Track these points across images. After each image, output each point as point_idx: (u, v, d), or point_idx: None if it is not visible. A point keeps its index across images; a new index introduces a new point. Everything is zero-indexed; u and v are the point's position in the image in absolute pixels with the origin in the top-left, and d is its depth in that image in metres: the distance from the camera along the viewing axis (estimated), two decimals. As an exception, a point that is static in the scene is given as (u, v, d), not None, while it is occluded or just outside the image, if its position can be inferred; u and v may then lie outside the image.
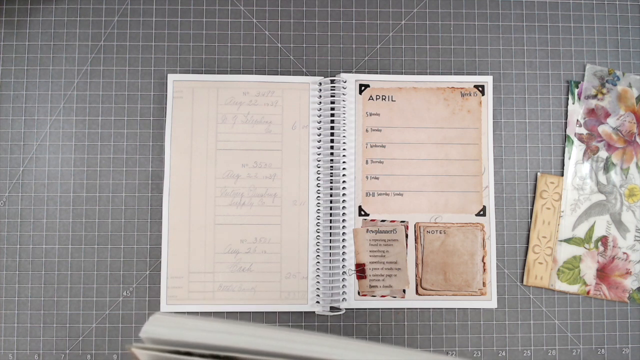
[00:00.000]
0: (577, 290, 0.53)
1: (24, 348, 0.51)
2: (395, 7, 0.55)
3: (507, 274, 0.53)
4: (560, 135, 0.54)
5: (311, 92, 0.54)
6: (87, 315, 0.52)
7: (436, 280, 0.52)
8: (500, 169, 0.54)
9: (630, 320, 0.53)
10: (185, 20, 0.55)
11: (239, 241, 0.52)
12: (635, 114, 0.54)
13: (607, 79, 0.55)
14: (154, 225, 0.52)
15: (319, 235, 0.52)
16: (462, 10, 0.55)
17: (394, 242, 0.53)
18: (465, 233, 0.53)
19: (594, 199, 0.54)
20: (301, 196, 0.53)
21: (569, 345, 0.52)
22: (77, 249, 0.52)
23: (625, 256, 0.53)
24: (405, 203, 0.53)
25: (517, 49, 0.55)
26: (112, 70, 0.54)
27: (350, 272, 0.52)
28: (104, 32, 0.54)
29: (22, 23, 0.54)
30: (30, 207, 0.52)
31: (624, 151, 0.54)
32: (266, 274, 0.52)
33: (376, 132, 0.54)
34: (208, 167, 0.53)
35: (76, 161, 0.53)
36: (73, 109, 0.53)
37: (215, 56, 0.54)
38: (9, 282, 0.52)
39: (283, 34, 0.55)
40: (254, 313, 0.52)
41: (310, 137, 0.53)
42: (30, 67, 0.54)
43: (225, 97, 0.53)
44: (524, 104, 0.55)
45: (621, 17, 0.56)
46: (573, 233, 0.53)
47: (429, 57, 0.55)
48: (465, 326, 0.52)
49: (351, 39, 0.55)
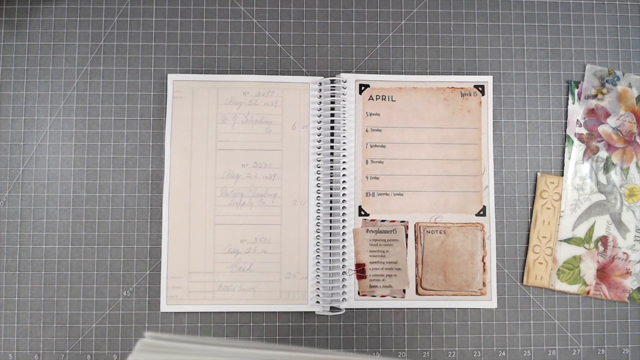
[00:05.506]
0: (577, 290, 0.53)
1: (24, 348, 0.51)
2: (395, 7, 0.55)
3: (507, 274, 0.53)
4: (560, 135, 0.54)
5: (311, 92, 0.54)
6: (87, 315, 0.52)
7: (436, 280, 0.52)
8: (500, 169, 0.54)
9: (630, 320, 0.53)
10: (185, 20, 0.55)
11: (239, 241, 0.52)
12: (635, 114, 0.54)
13: (607, 79, 0.55)
14: (154, 225, 0.52)
15: (319, 235, 0.52)
16: (462, 10, 0.55)
17: (394, 242, 0.53)
18: (465, 233, 0.53)
19: (594, 199, 0.54)
20: (301, 196, 0.53)
21: (569, 345, 0.52)
22: (77, 249, 0.52)
23: (625, 256, 0.53)
24: (405, 203, 0.53)
25: (517, 49, 0.55)
26: (112, 70, 0.54)
27: (350, 272, 0.52)
28: (104, 32, 0.54)
29: (22, 23, 0.54)
30: (30, 207, 0.52)
31: (624, 151, 0.54)
32: (266, 274, 0.52)
33: (376, 132, 0.54)
34: (208, 167, 0.53)
35: (76, 161, 0.53)
36: (73, 109, 0.53)
37: (215, 56, 0.54)
38: (9, 282, 0.52)
39: (283, 34, 0.55)
40: (254, 313, 0.52)
41: (310, 137, 0.53)
42: (30, 67, 0.54)
43: (225, 97, 0.53)
44: (524, 104, 0.55)
45: (621, 17, 0.56)
46: (573, 233, 0.53)
47: (429, 57, 0.55)
48: (465, 326, 0.52)
49: (351, 39, 0.55)
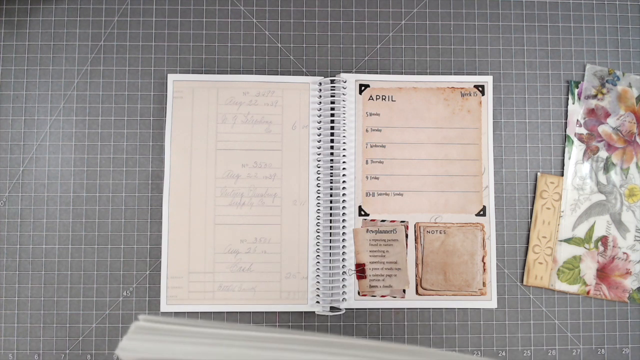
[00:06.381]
0: (577, 290, 0.53)
1: (24, 348, 0.51)
2: (395, 7, 0.55)
3: (507, 274, 0.53)
4: (560, 135, 0.54)
5: (311, 92, 0.54)
6: (87, 315, 0.52)
7: (436, 280, 0.52)
8: (500, 169, 0.54)
9: (630, 320, 0.53)
10: (185, 20, 0.55)
11: (239, 241, 0.52)
12: (635, 114, 0.54)
13: (607, 79, 0.55)
14: (154, 225, 0.52)
15: (319, 235, 0.52)
16: (462, 10, 0.55)
17: (394, 242, 0.53)
18: (465, 233, 0.53)
19: (594, 199, 0.54)
20: (301, 196, 0.53)
21: (569, 345, 0.52)
22: (77, 249, 0.52)
23: (625, 256, 0.53)
24: (405, 203, 0.53)
25: (517, 49, 0.55)
26: (112, 70, 0.54)
27: (350, 272, 0.52)
28: (104, 32, 0.54)
29: (22, 23, 0.54)
30: (30, 207, 0.52)
31: (624, 151, 0.54)
32: (266, 274, 0.52)
33: (376, 132, 0.54)
34: (208, 167, 0.53)
35: (76, 161, 0.53)
36: (73, 109, 0.53)
37: (215, 56, 0.54)
38: (9, 282, 0.52)
39: (283, 34, 0.55)
40: (254, 313, 0.52)
41: (310, 137, 0.53)
42: (30, 67, 0.54)
43: (225, 97, 0.53)
44: (524, 104, 0.55)
45: (621, 17, 0.56)
46: (573, 233, 0.53)
47: (429, 57, 0.55)
48: (465, 326, 0.52)
49: (351, 39, 0.55)
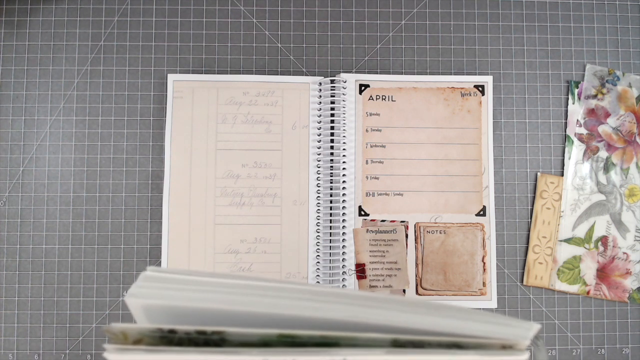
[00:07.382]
0: (577, 290, 0.53)
1: (24, 348, 0.51)
2: (395, 7, 0.55)
3: (507, 274, 0.53)
4: (560, 135, 0.54)
5: (311, 92, 0.54)
6: (87, 315, 0.52)
7: (436, 280, 0.52)
8: (500, 169, 0.54)
9: (630, 320, 0.53)
10: (185, 20, 0.55)
11: (239, 241, 0.52)
12: (635, 114, 0.54)
13: (607, 79, 0.55)
14: (154, 225, 0.52)
15: (319, 235, 0.52)
16: (462, 10, 0.55)
17: (394, 242, 0.53)
18: (465, 233, 0.53)
19: (594, 199, 0.54)
20: (301, 196, 0.53)
21: (569, 345, 0.52)
22: (77, 249, 0.52)
23: (625, 256, 0.53)
24: (405, 203, 0.53)
25: (517, 49, 0.55)
26: (112, 70, 0.54)
27: (350, 272, 0.52)
28: (104, 32, 0.54)
29: (22, 23, 0.54)
30: (30, 207, 0.52)
31: (624, 151, 0.54)
32: (266, 274, 0.52)
33: (376, 132, 0.54)
34: (208, 167, 0.53)
35: (76, 161, 0.53)
36: (73, 109, 0.53)
37: (215, 56, 0.54)
38: (9, 282, 0.52)
39: (283, 34, 0.55)
40: (254, 313, 0.52)
41: (310, 137, 0.53)
42: (30, 67, 0.54)
43: (225, 97, 0.53)
44: (524, 104, 0.55)
45: (621, 17, 0.56)
46: (573, 233, 0.53)
47: (429, 57, 0.55)
48: (465, 326, 0.52)
49: (351, 39, 0.55)
